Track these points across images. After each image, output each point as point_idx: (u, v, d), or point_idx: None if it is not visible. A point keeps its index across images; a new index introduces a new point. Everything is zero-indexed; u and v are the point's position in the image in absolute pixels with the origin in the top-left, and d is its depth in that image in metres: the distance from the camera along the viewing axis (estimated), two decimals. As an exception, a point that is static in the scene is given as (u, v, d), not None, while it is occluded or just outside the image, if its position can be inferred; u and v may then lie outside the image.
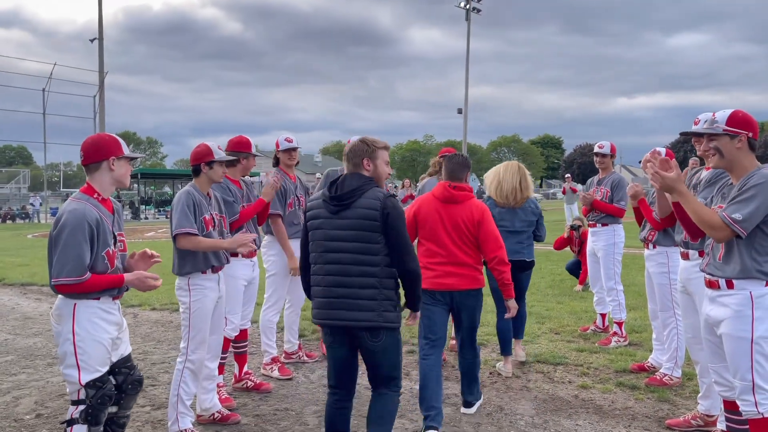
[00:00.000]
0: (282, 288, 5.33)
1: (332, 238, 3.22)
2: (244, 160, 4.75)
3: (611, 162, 6.30)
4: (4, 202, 39.80)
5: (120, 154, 3.21)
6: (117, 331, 3.23)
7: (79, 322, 3.05)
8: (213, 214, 4.06)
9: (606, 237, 6.19)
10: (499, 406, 4.60)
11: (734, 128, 3.06)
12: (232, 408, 4.48)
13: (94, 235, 3.05)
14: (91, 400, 3.06)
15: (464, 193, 4.19)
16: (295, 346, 5.72)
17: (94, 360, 3.07)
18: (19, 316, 8.06)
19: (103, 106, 34.77)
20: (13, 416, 4.48)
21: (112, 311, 3.19)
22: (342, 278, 3.20)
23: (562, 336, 6.55)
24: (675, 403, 4.61)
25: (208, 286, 3.97)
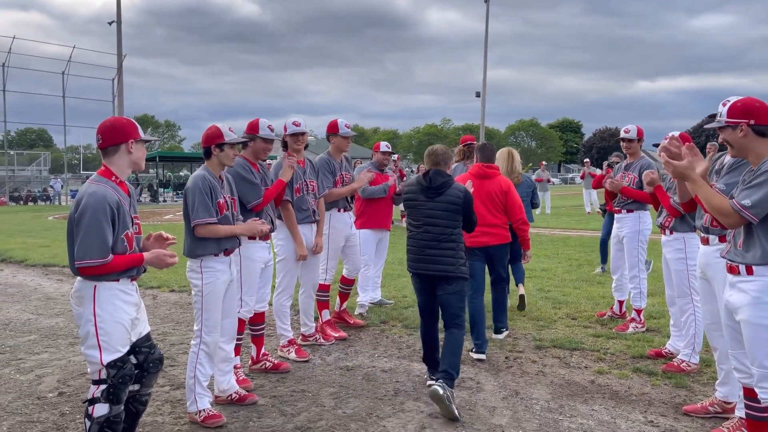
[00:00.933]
0: (293, 273, 5.36)
1: (428, 216, 4.49)
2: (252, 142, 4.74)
3: (639, 146, 6.13)
4: (26, 184, 40.42)
5: (137, 137, 3.24)
6: (136, 312, 3.27)
7: (100, 304, 3.09)
8: (225, 197, 4.08)
9: (631, 223, 6.09)
10: (514, 390, 4.61)
11: (733, 119, 3.12)
12: (250, 389, 4.55)
13: (115, 217, 3.08)
14: (113, 379, 3.12)
15: (494, 171, 5.60)
16: (312, 329, 5.77)
17: (115, 340, 3.12)
18: (42, 297, 8.22)
19: (121, 89, 35.03)
20: (36, 394, 4.59)
21: (130, 292, 3.23)
22: (434, 242, 4.46)
23: (579, 321, 6.53)
24: (692, 390, 4.58)
25: (220, 269, 4.01)
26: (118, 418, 3.16)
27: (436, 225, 4.49)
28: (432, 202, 4.50)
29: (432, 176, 4.54)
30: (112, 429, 3.14)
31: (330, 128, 5.98)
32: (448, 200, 4.47)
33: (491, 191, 5.49)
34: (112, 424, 3.13)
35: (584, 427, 3.95)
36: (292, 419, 4.09)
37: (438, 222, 4.48)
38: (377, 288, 7.24)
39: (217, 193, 3.98)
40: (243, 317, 4.63)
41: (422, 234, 4.52)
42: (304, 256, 5.26)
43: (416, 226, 4.58)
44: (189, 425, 3.99)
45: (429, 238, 4.49)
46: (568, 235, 15.19)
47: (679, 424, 3.99)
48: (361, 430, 3.90)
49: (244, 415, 4.14)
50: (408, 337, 5.99)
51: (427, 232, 4.50)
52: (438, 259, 4.45)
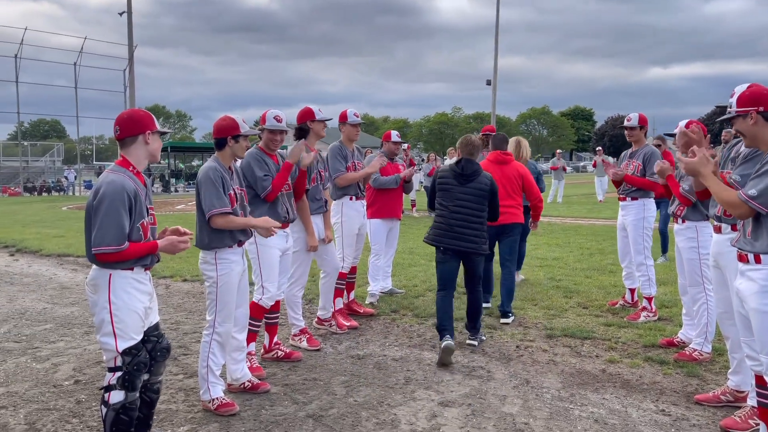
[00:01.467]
0: (306, 263, 5.38)
1: (459, 199, 5.16)
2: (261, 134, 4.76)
3: (642, 134, 6.13)
4: (40, 175, 40.78)
5: (154, 129, 3.29)
6: (149, 301, 3.32)
7: (115, 292, 3.14)
8: (235, 189, 4.09)
9: (636, 211, 6.08)
10: (525, 379, 4.61)
11: (743, 108, 3.20)
12: (262, 377, 4.59)
13: (132, 206, 3.13)
14: (128, 366, 3.17)
15: (509, 157, 6.33)
16: (329, 314, 5.80)
17: (129, 328, 3.17)
18: (57, 286, 8.32)
19: (132, 80, 35.13)
20: (52, 382, 4.66)
21: (144, 281, 3.27)
22: (463, 223, 5.12)
23: (590, 310, 6.51)
24: (704, 379, 4.57)
25: (234, 260, 4.03)
26: (134, 405, 3.21)
27: (465, 207, 5.15)
28: (463, 187, 5.19)
29: (464, 164, 5.23)
30: (127, 416, 3.19)
31: (340, 118, 6.03)
32: (478, 186, 5.18)
33: (509, 175, 6.19)
34: (128, 411, 3.19)
35: (595, 415, 3.96)
36: (304, 407, 4.13)
37: (467, 205, 5.15)
38: (388, 277, 7.26)
39: (227, 185, 3.99)
40: (265, 305, 4.68)
41: (452, 214, 5.17)
42: (315, 247, 5.28)
43: (447, 208, 5.21)
44: (202, 413, 4.03)
45: (459, 219, 5.16)
46: (579, 223, 15.12)
47: (691, 413, 3.98)
48: (372, 419, 3.94)
49: (256, 403, 4.18)
50: (419, 326, 6.01)
51: (457, 213, 5.17)
52: (466, 237, 5.13)
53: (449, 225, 5.16)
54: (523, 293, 7.21)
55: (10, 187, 37.01)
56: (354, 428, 3.80)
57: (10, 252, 11.45)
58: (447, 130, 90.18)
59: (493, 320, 6.15)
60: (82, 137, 51.36)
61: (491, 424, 3.85)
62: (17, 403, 4.26)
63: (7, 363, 5.10)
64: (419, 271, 8.70)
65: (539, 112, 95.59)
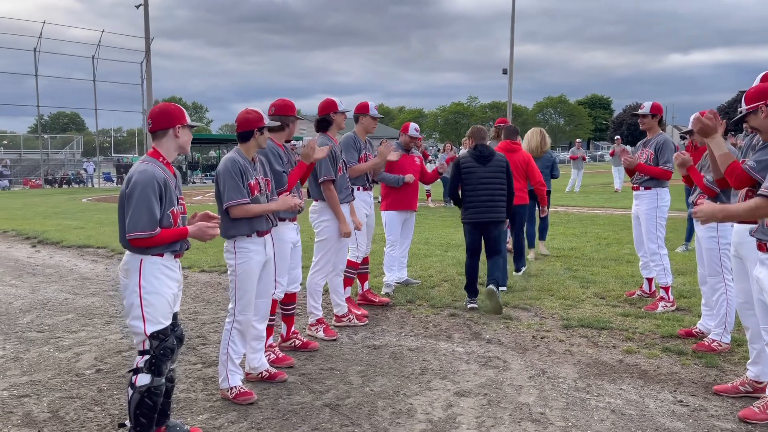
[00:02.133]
0: (331, 253, 5.41)
1: (482, 177, 6.11)
2: (291, 124, 4.77)
3: (655, 122, 6.04)
4: (60, 167, 41.29)
5: (184, 123, 3.41)
6: (177, 288, 3.43)
7: (145, 277, 3.25)
8: (258, 179, 4.13)
9: (649, 200, 6.03)
10: (541, 369, 4.61)
11: (751, 104, 3.38)
12: (291, 365, 4.67)
13: (162, 193, 3.25)
14: (155, 351, 3.26)
15: (517, 146, 7.46)
16: (345, 308, 5.82)
17: (158, 312, 3.27)
18: (77, 277, 8.45)
19: (149, 72, 35.38)
20: (74, 371, 4.75)
21: (173, 269, 3.39)
22: (488, 197, 6.10)
23: (607, 301, 6.48)
24: (723, 369, 4.53)
25: (254, 249, 4.08)
26: (159, 390, 3.29)
27: (489, 184, 6.11)
28: (484, 167, 6.14)
29: (481, 148, 6.21)
30: (151, 400, 3.26)
31: (360, 109, 6.02)
32: (497, 165, 6.15)
33: (516, 161, 7.15)
34: (152, 395, 3.27)
35: (612, 406, 3.95)
36: (321, 396, 4.16)
37: (491, 181, 6.12)
38: (403, 268, 7.27)
39: (248, 175, 4.03)
40: (276, 297, 4.70)
41: (478, 192, 6.12)
42: (348, 233, 5.38)
43: (473, 187, 6.14)
44: (221, 402, 4.09)
45: (484, 195, 6.10)
46: (596, 213, 15.00)
47: (709, 404, 3.96)
48: (389, 408, 3.96)
49: (274, 393, 4.23)
50: (434, 317, 6.02)
51: (482, 191, 6.10)
52: (491, 209, 6.11)
53: (477, 202, 6.11)
54: (539, 284, 7.20)
55: (31, 179, 37.54)
56: (370, 417, 3.83)
57: (32, 243, 11.65)
58: (463, 120, 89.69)
59: (509, 310, 6.14)
60: (100, 129, 51.97)
61: (507, 414, 3.86)
62: (40, 391, 4.35)
63: (30, 352, 5.20)
64: (435, 261, 8.70)
65: (556, 101, 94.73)
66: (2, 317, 6.36)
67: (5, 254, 10.50)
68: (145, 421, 3.27)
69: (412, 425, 3.71)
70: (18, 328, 5.93)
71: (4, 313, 6.51)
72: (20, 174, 38.70)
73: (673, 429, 3.62)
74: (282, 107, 4.73)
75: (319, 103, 5.47)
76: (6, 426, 3.78)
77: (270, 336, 4.75)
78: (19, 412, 3.98)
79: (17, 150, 43.61)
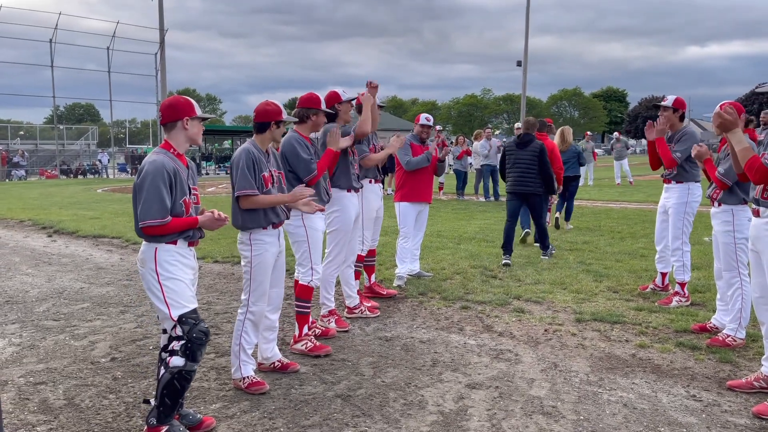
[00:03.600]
0: (344, 243, 5.43)
1: (518, 159, 7.91)
2: (314, 116, 4.78)
3: (677, 118, 5.86)
4: (75, 158, 41.68)
5: (192, 115, 3.46)
6: (193, 275, 3.51)
7: (161, 264, 3.33)
8: (272, 171, 4.15)
9: (679, 194, 5.89)
10: (553, 363, 4.60)
11: None
12: (329, 353, 4.75)
13: (172, 182, 3.33)
14: (188, 335, 3.32)
15: (544, 136, 9.00)
16: (356, 300, 5.84)
17: (180, 296, 3.34)
18: (93, 266, 8.54)
19: (164, 64, 35.54)
20: (90, 359, 4.81)
21: (188, 256, 3.47)
22: (522, 173, 7.87)
23: (621, 294, 6.44)
24: (737, 365, 4.49)
25: (268, 241, 4.10)
26: (190, 376, 3.35)
27: (523, 164, 7.95)
28: (521, 150, 7.99)
29: (523, 136, 8.10)
30: (180, 384, 3.33)
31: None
32: (531, 149, 7.95)
33: None
34: (182, 380, 3.33)
35: (624, 400, 3.93)
36: (333, 387, 4.19)
37: (525, 162, 7.95)
38: (416, 260, 7.27)
39: (262, 167, 4.06)
40: (315, 285, 4.81)
41: (514, 170, 8.03)
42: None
43: (511, 165, 8.07)
44: (234, 391, 4.13)
45: (518, 171, 7.98)
46: (610, 207, 14.89)
47: (723, 399, 3.93)
48: (400, 399, 3.97)
49: (286, 383, 4.26)
50: (446, 309, 6.02)
51: (517, 169, 8.00)
52: (523, 183, 7.96)
53: (515, 177, 8.00)
54: (552, 277, 7.17)
55: (47, 169, 37.94)
56: (382, 409, 3.84)
57: (48, 233, 11.78)
58: (476, 113, 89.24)
59: (522, 303, 6.13)
60: (115, 121, 52.26)
61: (518, 406, 3.85)
62: (56, 379, 4.41)
63: (46, 340, 5.27)
64: (447, 254, 8.69)
65: (570, 93, 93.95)
66: (19, 306, 6.45)
67: (22, 244, 10.63)
68: (169, 402, 3.34)
69: (423, 417, 3.72)
70: (34, 317, 6.02)
71: (20, 302, 6.60)
72: (36, 164, 39.11)
73: (686, 424, 3.60)
74: (305, 100, 4.82)
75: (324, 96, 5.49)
76: (23, 412, 3.84)
77: (305, 325, 4.85)
78: (35, 399, 4.05)
79: (33, 140, 44.07)
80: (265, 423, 3.66)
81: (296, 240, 4.80)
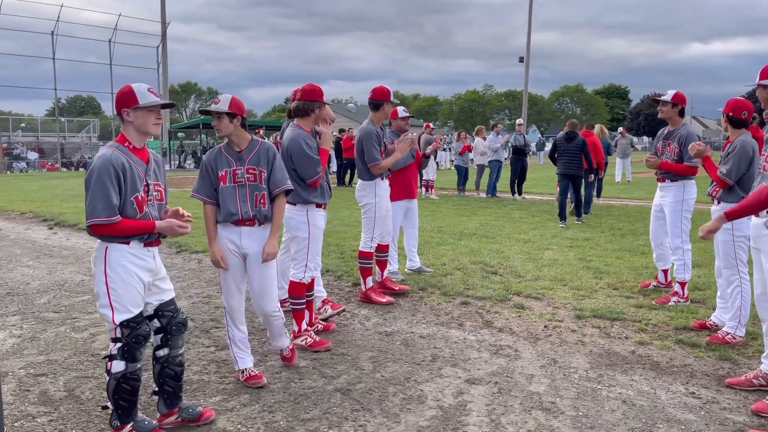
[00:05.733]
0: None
1: (566, 149, 11.04)
2: (317, 109, 4.68)
3: (676, 112, 5.83)
4: (77, 150, 41.64)
5: (134, 105, 3.21)
6: (151, 277, 3.32)
7: (110, 265, 3.20)
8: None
9: (675, 193, 5.88)
10: (552, 359, 4.61)
11: None
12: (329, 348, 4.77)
13: (120, 178, 3.13)
14: (126, 339, 3.23)
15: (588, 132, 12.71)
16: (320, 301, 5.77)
17: (126, 301, 3.22)
18: (93, 259, 8.54)
19: (165, 57, 35.48)
20: (90, 351, 4.82)
21: (143, 257, 3.28)
22: (568, 160, 11.04)
23: (621, 291, 6.44)
24: (737, 362, 4.50)
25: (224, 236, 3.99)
26: (135, 376, 3.27)
27: (569, 153, 10.93)
28: (568, 144, 10.94)
29: (569, 133, 10.96)
30: (129, 385, 3.26)
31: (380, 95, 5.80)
32: (576, 143, 10.89)
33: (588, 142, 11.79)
34: (129, 381, 3.26)
35: (623, 396, 3.94)
36: (332, 381, 4.19)
37: (570, 153, 10.94)
38: (415, 255, 7.26)
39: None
40: (306, 281, 4.78)
41: (562, 157, 11.00)
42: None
43: (560, 154, 11.05)
44: (233, 384, 4.14)
45: (565, 158, 10.96)
46: (611, 203, 14.89)
47: (722, 396, 3.94)
48: (399, 394, 3.98)
49: (285, 376, 4.27)
50: (446, 304, 6.02)
51: (565, 156, 10.97)
52: (572, 167, 10.95)
53: (564, 162, 10.99)
54: (552, 273, 7.17)
55: (49, 162, 37.92)
56: (381, 403, 3.85)
57: (49, 225, 11.78)
58: (478, 109, 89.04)
59: (522, 299, 6.14)
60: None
61: (518, 402, 3.86)
62: (57, 370, 4.42)
63: (47, 332, 5.28)
64: (448, 249, 8.69)
65: (572, 90, 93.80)
66: (20, 297, 6.46)
67: (23, 236, 10.64)
68: (125, 404, 3.28)
69: (422, 411, 3.73)
70: (35, 309, 6.03)
71: (21, 294, 6.62)
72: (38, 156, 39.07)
73: (685, 421, 3.61)
74: (308, 92, 4.66)
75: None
76: (23, 404, 3.85)
77: (302, 321, 4.82)
78: (36, 391, 4.06)
79: (35, 133, 44.03)
80: (265, 416, 3.67)
81: (296, 235, 4.75)
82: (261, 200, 3.94)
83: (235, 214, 3.92)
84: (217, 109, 3.82)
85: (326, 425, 3.56)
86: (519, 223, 11.32)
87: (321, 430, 3.50)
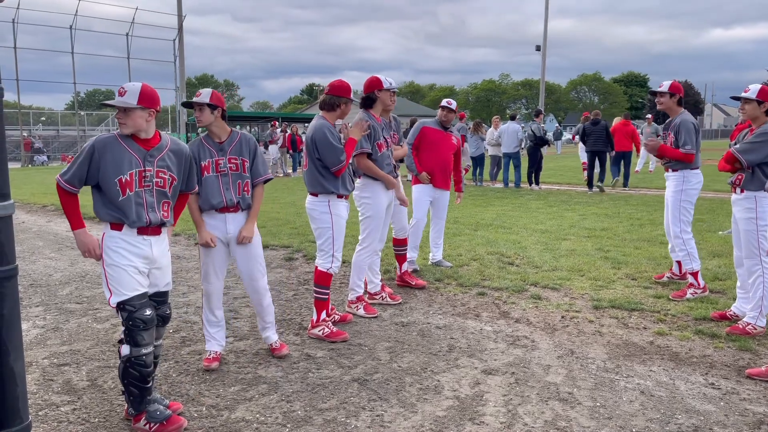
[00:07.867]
0: (377, 230, 5.40)
1: (593, 132, 15.02)
2: (344, 105, 4.80)
3: (674, 102, 5.83)
4: (96, 144, 42.03)
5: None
6: (145, 265, 3.40)
7: (106, 250, 3.36)
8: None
9: (675, 182, 5.85)
10: (570, 349, 4.59)
11: None
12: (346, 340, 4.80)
13: (95, 157, 3.31)
14: (125, 322, 3.32)
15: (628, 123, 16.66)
16: (378, 286, 5.82)
17: (121, 284, 3.31)
18: (114, 251, 8.65)
19: (182, 50, 35.65)
20: (112, 341, 4.90)
21: (137, 244, 3.37)
22: (597, 140, 14.98)
23: (639, 282, 6.39)
24: (757, 353, 4.45)
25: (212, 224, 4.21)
26: (141, 361, 3.32)
27: (594, 135, 14.83)
28: (594, 128, 14.86)
29: (594, 120, 15.00)
30: (135, 370, 3.32)
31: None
32: (600, 127, 14.84)
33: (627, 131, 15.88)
34: (135, 366, 3.32)
35: (641, 387, 3.92)
36: (350, 371, 4.23)
37: (596, 135, 14.82)
38: (438, 248, 7.21)
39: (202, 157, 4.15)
40: (334, 272, 4.87)
41: (592, 138, 14.82)
42: (404, 201, 5.67)
43: (589, 135, 14.89)
44: (252, 374, 4.19)
45: (592, 139, 14.85)
46: (630, 193, 14.74)
47: (741, 387, 3.90)
48: (416, 384, 4.00)
49: (303, 367, 4.31)
50: (463, 295, 6.02)
51: (592, 138, 14.86)
52: (597, 145, 14.83)
53: (592, 143, 14.67)
54: (570, 264, 7.14)
55: (69, 155, 38.40)
56: (398, 393, 3.88)
57: (70, 218, 11.95)
58: (494, 98, 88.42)
59: (539, 290, 6.12)
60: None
61: (534, 392, 3.86)
62: (80, 360, 4.50)
63: (69, 323, 5.38)
64: (464, 240, 8.68)
65: (590, 78, 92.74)
66: (43, 289, 6.58)
67: (45, 228, 10.82)
68: (135, 390, 3.35)
69: (439, 401, 3.75)
70: (58, 300, 6.14)
71: (44, 285, 6.74)
72: (58, 150, 39.59)
73: (704, 411, 3.59)
74: (336, 88, 4.81)
75: (366, 80, 5.42)
76: (47, 393, 3.94)
77: (323, 311, 4.89)
78: (59, 380, 4.14)
79: (55, 126, 44.57)
80: (283, 406, 3.72)
81: (320, 226, 4.82)
82: (245, 188, 4.18)
83: (220, 202, 4.13)
84: (199, 101, 4.05)
85: (343, 415, 3.60)
86: (536, 214, 11.25)
87: (338, 420, 3.54)
